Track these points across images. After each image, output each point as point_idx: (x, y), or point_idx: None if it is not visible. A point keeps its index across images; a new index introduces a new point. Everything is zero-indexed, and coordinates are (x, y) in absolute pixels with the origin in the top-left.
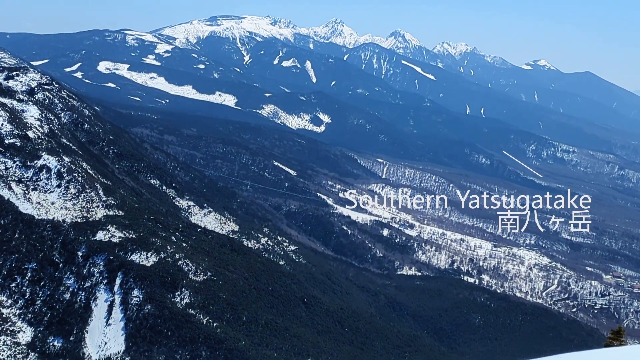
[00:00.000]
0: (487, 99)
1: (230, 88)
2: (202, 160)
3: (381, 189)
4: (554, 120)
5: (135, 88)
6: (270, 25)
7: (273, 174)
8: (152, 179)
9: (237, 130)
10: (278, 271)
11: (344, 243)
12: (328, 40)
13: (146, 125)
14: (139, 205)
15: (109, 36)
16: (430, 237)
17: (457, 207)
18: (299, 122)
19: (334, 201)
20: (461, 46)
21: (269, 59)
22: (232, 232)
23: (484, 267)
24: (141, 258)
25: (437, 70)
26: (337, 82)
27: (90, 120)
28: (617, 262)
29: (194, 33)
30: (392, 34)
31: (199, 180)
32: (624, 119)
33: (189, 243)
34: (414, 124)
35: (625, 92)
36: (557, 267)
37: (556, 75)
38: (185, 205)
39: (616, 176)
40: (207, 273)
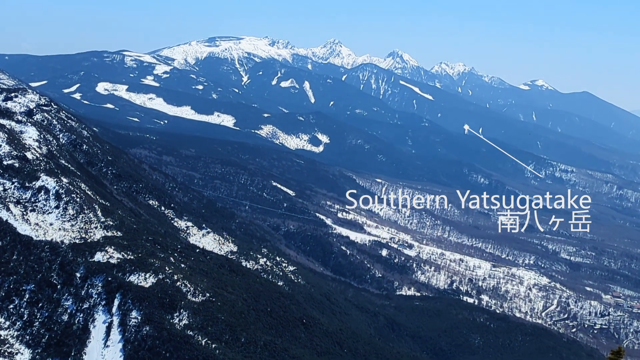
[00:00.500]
0: (485, 119)
1: (228, 108)
2: (200, 180)
3: (380, 209)
4: (552, 140)
5: (133, 109)
6: (268, 46)
7: (272, 194)
8: (151, 200)
9: (235, 151)
10: (277, 292)
11: (343, 263)
12: (326, 60)
13: (145, 145)
14: (138, 226)
15: (108, 57)
16: (429, 257)
17: (456, 227)
18: (298, 143)
19: (333, 221)
20: (459, 66)
21: (268, 80)
22: (231, 253)
23: (483, 287)
24: (139, 279)
25: (435, 90)
26: (336, 102)
27: (88, 141)
28: (616, 282)
29: (192, 54)
30: (390, 55)
31: (198, 200)
32: (622, 139)
33: (187, 264)
34: (413, 144)
35: (623, 112)
36: (556, 287)
37: (554, 95)
38: (184, 225)
39: (615, 196)
40: (205, 294)
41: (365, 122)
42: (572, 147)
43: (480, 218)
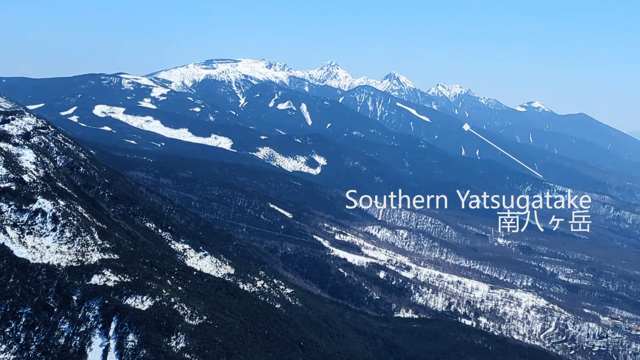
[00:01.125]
0: (482, 141)
1: (226, 131)
2: (197, 203)
3: (377, 230)
4: (549, 162)
5: (130, 131)
6: (265, 69)
7: (269, 216)
8: (148, 222)
9: (232, 173)
10: (274, 314)
11: (341, 286)
12: (323, 82)
13: (142, 168)
14: (135, 248)
15: (105, 80)
16: (427, 279)
17: (454, 248)
18: (295, 165)
19: (330, 243)
20: (455, 88)
21: (265, 102)
22: (228, 275)
23: (481, 310)
24: (136, 302)
25: (432, 112)
26: (333, 124)
27: (85, 163)
28: (614, 304)
29: (189, 76)
30: (387, 77)
31: (195, 223)
32: (619, 160)
33: (184, 286)
34: (410, 165)
35: (619, 134)
36: (554, 309)
37: (550, 117)
38: (181, 248)
39: (612, 217)
40: (202, 317)
41: (362, 144)
42: (568, 169)
43: (478, 240)
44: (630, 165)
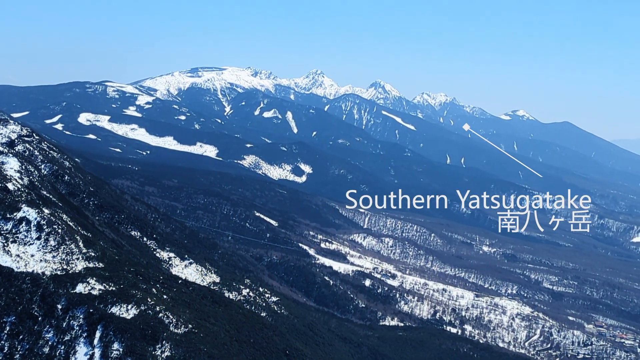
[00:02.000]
0: (467, 149)
1: (211, 139)
2: (183, 211)
3: (363, 239)
4: (533, 170)
5: (116, 139)
6: (251, 77)
7: (254, 224)
8: (133, 231)
9: (218, 181)
10: (260, 323)
11: (326, 294)
12: (309, 91)
13: (127, 176)
14: (120, 257)
15: (90, 88)
16: (412, 287)
17: (439, 256)
18: (281, 173)
19: (316, 251)
20: (441, 96)
21: (250, 110)
22: (214, 284)
23: (466, 317)
24: (121, 311)
25: (417, 120)
26: (318, 132)
27: (70, 172)
28: (598, 312)
29: (175, 84)
30: (373, 85)
31: (180, 231)
32: (603, 169)
33: (169, 295)
34: (395, 173)
35: (603, 142)
36: (539, 316)
37: (535, 125)
38: (166, 256)
39: (596, 225)
40: (188, 325)
41: (347, 152)
42: (553, 177)
43: (463, 248)
44: (614, 173)
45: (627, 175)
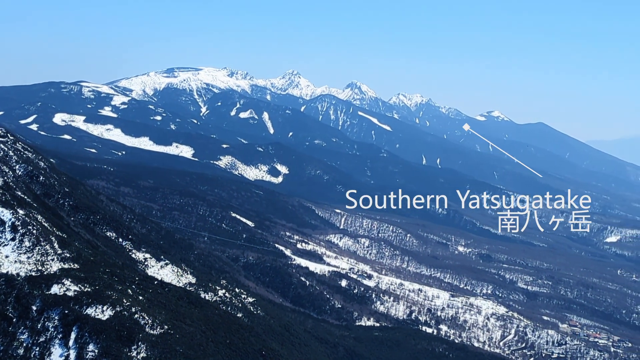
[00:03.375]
0: (443, 150)
1: (187, 139)
2: (158, 212)
3: (339, 239)
4: (508, 171)
5: (91, 140)
6: (227, 77)
7: (231, 225)
8: (108, 232)
9: (194, 182)
10: (236, 323)
11: (302, 294)
12: (285, 91)
13: (102, 177)
14: (95, 258)
15: (65, 88)
16: (388, 287)
17: (415, 257)
18: (257, 173)
19: (292, 252)
20: (416, 97)
21: (226, 110)
22: (189, 285)
23: (442, 317)
24: (97, 312)
25: (393, 121)
26: (295, 133)
27: (45, 172)
28: (572, 311)
29: (150, 85)
30: (349, 86)
31: (156, 232)
32: (577, 169)
33: (145, 296)
34: (371, 174)
35: (577, 143)
36: (514, 316)
37: (510, 126)
38: (142, 257)
39: (570, 225)
40: (163, 326)
41: (324, 153)
42: (528, 178)
43: (439, 248)
44: (588, 174)
45: (601, 176)
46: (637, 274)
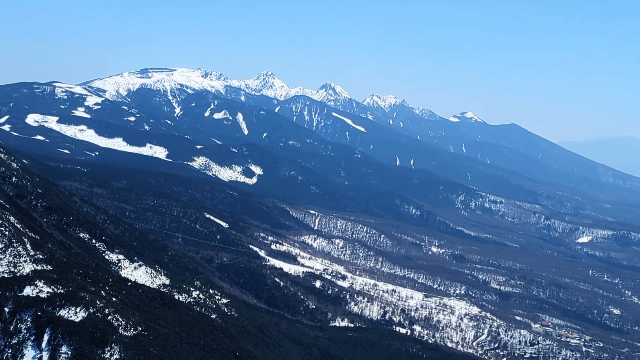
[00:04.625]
0: (417, 151)
1: (161, 140)
2: (132, 213)
3: (313, 240)
4: (481, 172)
5: (64, 140)
6: (201, 78)
7: (205, 226)
8: (82, 233)
9: (168, 183)
10: (210, 325)
11: (277, 295)
12: (259, 92)
13: (75, 178)
14: (68, 259)
15: (38, 89)
16: (362, 288)
17: (389, 257)
18: (231, 174)
19: (266, 253)
20: (390, 98)
21: (200, 111)
22: (163, 286)
23: (415, 318)
24: (70, 313)
25: (367, 122)
26: (269, 134)
27: (18, 173)
28: (545, 311)
29: (124, 85)
30: (323, 87)
31: (129, 233)
32: (549, 170)
33: (118, 297)
34: (345, 175)
35: (549, 144)
36: (486, 316)
37: (483, 127)
38: (115, 258)
39: (542, 226)
40: (137, 328)
41: (298, 154)
42: (500, 178)
43: (413, 248)
44: (560, 174)
45: (573, 177)
46: (608, 274)
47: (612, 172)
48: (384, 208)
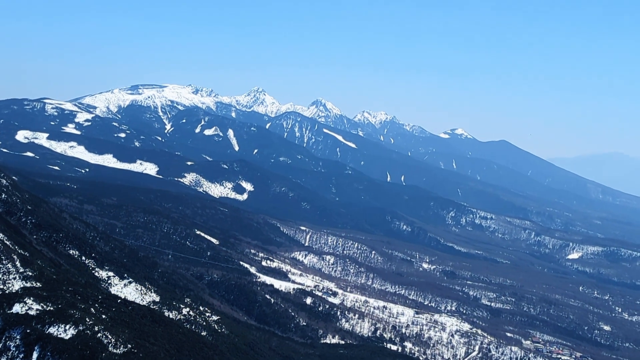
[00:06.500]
0: (407, 167)
1: (151, 156)
2: (122, 229)
3: (304, 256)
4: (471, 188)
5: (54, 157)
6: (192, 94)
7: (195, 242)
8: (71, 250)
9: (158, 199)
10: (200, 342)
11: (267, 312)
12: (250, 108)
13: (65, 194)
14: (58, 276)
15: (28, 105)
16: (353, 304)
17: (380, 274)
18: (222, 191)
19: (257, 270)
20: (381, 115)
21: (191, 128)
22: (153, 303)
23: (406, 334)
24: (59, 331)
25: (358, 138)
26: (260, 150)
27: (7, 190)
28: (535, 327)
29: (115, 102)
30: (314, 103)
31: (119, 250)
32: (539, 186)
33: (108, 315)
34: (336, 191)
35: (539, 160)
36: (477, 333)
37: (473, 144)
38: (105, 275)
39: (533, 242)
40: (127, 345)
41: (289, 170)
42: (491, 195)
43: (403, 265)
44: (550, 191)
45: (563, 193)
46: (599, 290)
47: (601, 188)
48: (375, 224)
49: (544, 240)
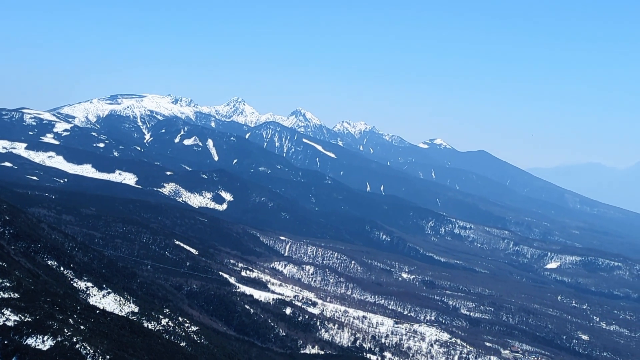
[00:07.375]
0: (386, 177)
1: (130, 167)
2: (101, 240)
3: (284, 266)
4: (450, 197)
5: (32, 167)
6: (171, 104)
7: (174, 253)
8: (50, 260)
9: (137, 209)
10: (179, 353)
11: (247, 322)
12: (230, 118)
13: (44, 204)
14: (36, 287)
15: (6, 115)
16: (332, 314)
17: (359, 284)
18: (201, 201)
19: (236, 280)
20: (360, 125)
21: (170, 137)
22: (132, 314)
23: (386, 344)
24: (37, 342)
25: (337, 148)
26: (239, 160)
27: None
28: (514, 337)
29: (93, 112)
30: (293, 113)
31: (98, 260)
32: (517, 196)
33: (87, 325)
34: (316, 201)
35: (517, 170)
36: (457, 342)
37: (452, 154)
38: (84, 286)
39: (511, 252)
40: (105, 356)
41: (268, 180)
42: (469, 204)
43: (383, 274)
44: (528, 201)
45: (541, 203)
46: (577, 300)
47: (579, 198)
48: (355, 234)
49: (522, 249)
